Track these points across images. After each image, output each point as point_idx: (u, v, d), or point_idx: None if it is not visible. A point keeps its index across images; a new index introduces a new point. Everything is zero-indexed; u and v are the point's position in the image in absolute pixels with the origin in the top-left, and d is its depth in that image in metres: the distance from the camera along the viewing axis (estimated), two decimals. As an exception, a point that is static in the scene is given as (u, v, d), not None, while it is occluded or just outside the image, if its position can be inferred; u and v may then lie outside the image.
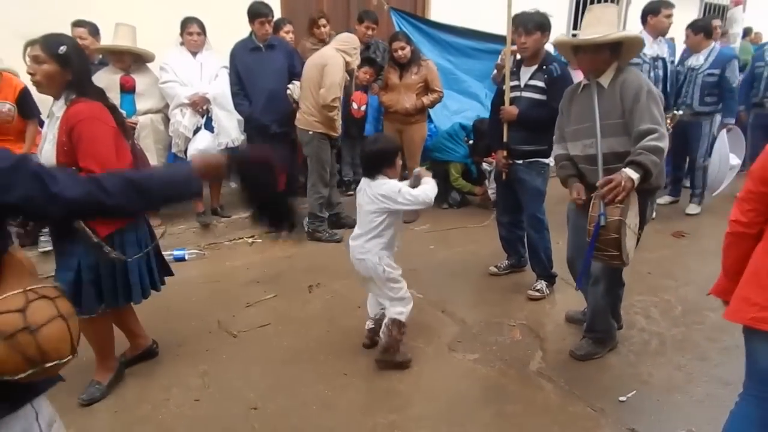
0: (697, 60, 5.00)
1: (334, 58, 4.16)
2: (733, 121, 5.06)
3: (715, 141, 5.08)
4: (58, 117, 2.28)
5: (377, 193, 2.61)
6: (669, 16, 4.51)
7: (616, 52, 2.50)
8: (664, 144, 2.34)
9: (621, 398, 2.44)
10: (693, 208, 5.33)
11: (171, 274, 2.80)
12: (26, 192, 1.09)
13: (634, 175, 2.29)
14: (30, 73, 2.23)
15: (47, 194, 1.11)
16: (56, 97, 2.31)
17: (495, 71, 4.38)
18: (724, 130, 4.96)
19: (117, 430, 2.32)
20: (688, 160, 5.42)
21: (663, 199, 5.56)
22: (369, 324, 2.93)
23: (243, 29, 4.51)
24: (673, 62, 4.74)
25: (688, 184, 5.53)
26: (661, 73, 4.49)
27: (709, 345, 2.91)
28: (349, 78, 4.77)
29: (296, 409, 2.42)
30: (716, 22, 5.55)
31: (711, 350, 2.86)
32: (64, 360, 1.13)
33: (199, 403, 2.48)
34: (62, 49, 2.21)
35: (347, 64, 4.24)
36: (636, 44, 2.53)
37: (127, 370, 2.71)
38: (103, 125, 2.26)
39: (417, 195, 2.60)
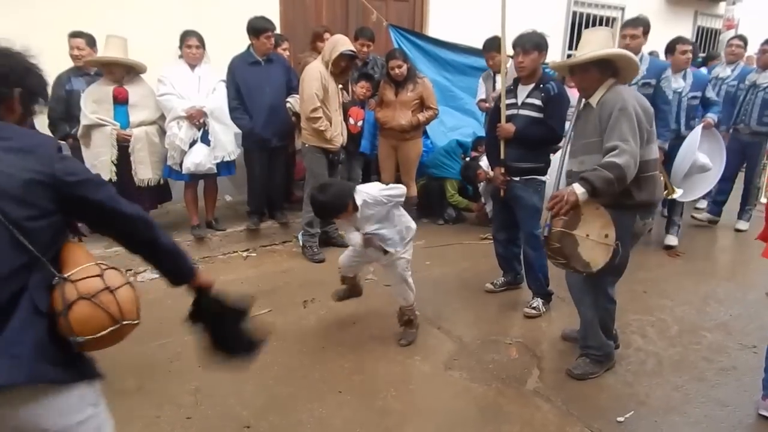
0: (764, 77, 4.96)
1: (309, 70, 4.19)
2: (714, 118, 4.70)
3: None
4: None
5: None
6: (684, 51, 4.57)
7: (606, 71, 2.58)
8: (623, 160, 2.38)
9: (619, 419, 2.43)
10: (742, 224, 5.26)
11: None
12: (109, 194, 1.38)
13: (579, 190, 2.40)
14: None
15: (115, 204, 1.39)
16: None
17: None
18: (701, 125, 4.68)
19: (106, 448, 2.26)
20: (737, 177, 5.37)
21: (702, 216, 5.54)
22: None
23: (239, 43, 4.54)
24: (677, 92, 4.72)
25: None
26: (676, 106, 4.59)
27: (707, 365, 2.90)
28: (346, 93, 4.80)
29: (290, 427, 2.39)
30: None
31: (708, 371, 2.85)
32: (135, 322, 1.32)
33: (191, 421, 2.44)
34: None
35: (326, 63, 4.23)
36: (625, 61, 2.58)
37: (117, 387, 2.66)
38: None
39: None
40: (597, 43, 2.58)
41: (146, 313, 3.21)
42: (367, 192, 2.84)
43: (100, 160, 4.15)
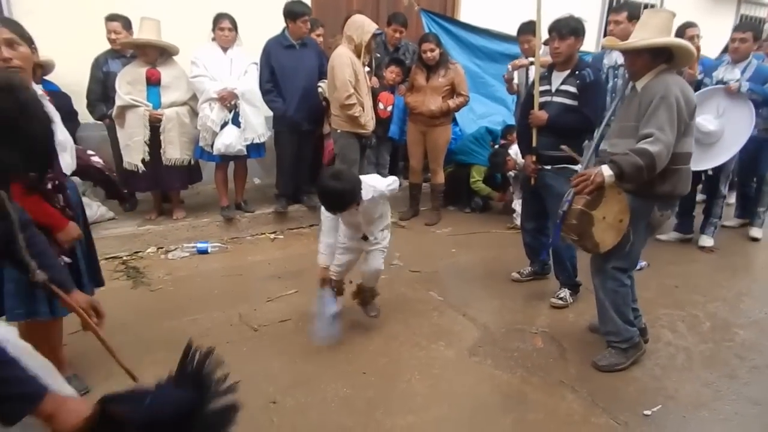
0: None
1: (339, 57, 4.18)
2: (746, 85, 4.22)
3: None
4: (47, 100, 2.24)
5: None
6: (692, 36, 4.37)
7: (659, 57, 2.53)
8: (656, 148, 2.36)
9: (646, 412, 2.40)
10: (756, 231, 4.85)
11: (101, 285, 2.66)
12: None
13: (607, 172, 2.43)
14: (6, 59, 2.04)
15: None
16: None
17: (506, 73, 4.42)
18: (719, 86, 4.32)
19: (138, 417, 2.35)
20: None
21: (732, 222, 5.21)
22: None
23: (271, 26, 4.57)
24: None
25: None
26: None
27: (739, 363, 2.85)
28: (374, 74, 4.79)
29: (315, 405, 2.44)
30: None
31: (740, 368, 2.80)
32: None
33: (219, 394, 2.50)
34: (27, 31, 2.12)
35: (356, 48, 4.23)
36: (682, 52, 2.52)
37: (149, 358, 2.75)
38: None
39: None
40: (656, 28, 2.52)
41: (177, 291, 3.32)
42: (373, 186, 2.75)
43: (133, 140, 4.24)
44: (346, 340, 3.01)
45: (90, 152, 2.79)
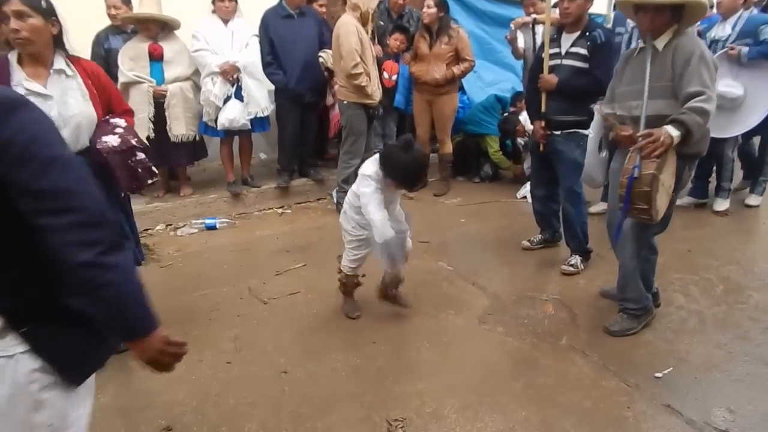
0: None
1: (345, 26, 4.12)
2: (744, 50, 4.10)
3: None
4: (69, 74, 2.27)
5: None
6: None
7: (677, 14, 2.47)
8: (711, 107, 2.34)
9: (657, 374, 2.41)
10: (754, 199, 4.73)
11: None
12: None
13: (675, 133, 2.33)
14: (15, 30, 2.06)
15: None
16: (42, 55, 2.21)
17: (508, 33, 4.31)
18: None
19: (152, 389, 2.41)
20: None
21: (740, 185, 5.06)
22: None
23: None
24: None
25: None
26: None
27: (752, 325, 2.84)
28: (377, 42, 4.72)
29: (325, 374, 2.48)
30: None
31: (753, 330, 2.79)
32: None
33: (231, 365, 2.56)
34: (44, 1, 2.10)
35: (362, 16, 4.16)
36: (699, 9, 2.46)
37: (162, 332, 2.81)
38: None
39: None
40: None
41: (187, 266, 3.36)
42: None
43: (138, 117, 4.16)
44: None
45: (112, 141, 2.39)
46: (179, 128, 4.32)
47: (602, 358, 2.55)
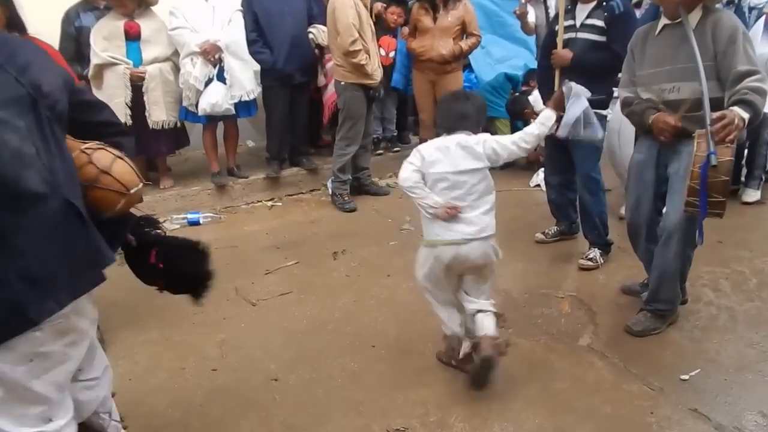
0: None
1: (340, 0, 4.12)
2: None
3: None
4: None
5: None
6: None
7: None
8: (767, 86, 2.35)
9: (683, 377, 2.43)
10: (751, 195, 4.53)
11: None
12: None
13: (745, 115, 2.31)
14: None
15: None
16: None
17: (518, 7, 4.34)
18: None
19: (131, 400, 2.43)
20: None
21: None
22: (466, 347, 2.45)
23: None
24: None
25: None
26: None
27: (788, 321, 2.85)
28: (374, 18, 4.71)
29: (320, 381, 2.50)
30: None
31: (789, 327, 2.80)
32: (140, 186, 1.61)
33: (217, 373, 2.58)
34: None
35: None
36: None
37: (141, 337, 2.84)
38: None
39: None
40: None
41: (168, 263, 3.29)
42: None
43: (113, 102, 4.23)
44: (352, 312, 3.06)
45: None
46: (159, 114, 4.33)
47: (623, 360, 2.57)
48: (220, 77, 4.36)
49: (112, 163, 1.53)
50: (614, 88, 3.50)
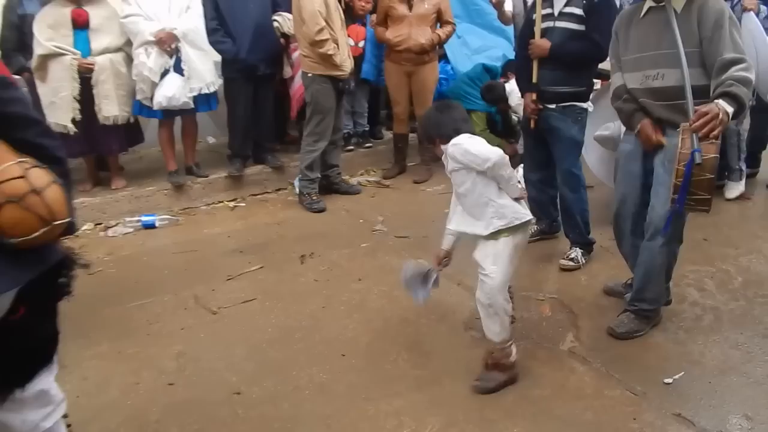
0: None
1: None
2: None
3: None
4: None
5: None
6: None
7: None
8: (753, 75, 2.40)
9: (667, 380, 2.48)
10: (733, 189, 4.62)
11: None
12: None
13: (729, 109, 2.34)
14: None
15: None
16: None
17: None
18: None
19: (80, 419, 2.38)
20: None
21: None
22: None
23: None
24: None
25: None
26: None
27: (774, 321, 2.93)
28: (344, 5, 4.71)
29: (286, 394, 2.48)
30: None
31: (775, 327, 2.88)
32: (66, 220, 1.42)
33: (174, 387, 2.55)
34: None
35: None
36: None
37: (91, 351, 2.79)
38: None
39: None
40: None
41: (121, 272, 3.31)
42: None
43: (59, 96, 4.18)
44: (321, 319, 3.05)
45: None
46: (111, 108, 4.27)
47: (605, 365, 2.61)
48: (178, 68, 4.31)
49: (47, 186, 1.39)
50: (594, 80, 3.59)
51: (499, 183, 2.39)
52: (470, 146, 2.36)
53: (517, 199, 2.46)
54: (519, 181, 3.90)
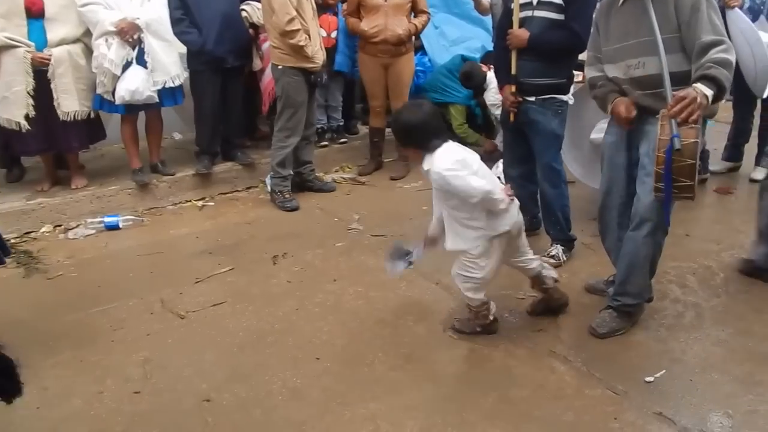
0: None
1: None
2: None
3: None
4: None
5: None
6: None
7: None
8: (733, 57, 2.44)
9: (648, 378, 2.54)
10: (759, 172, 4.79)
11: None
12: None
13: (708, 92, 2.38)
14: None
15: None
16: None
17: None
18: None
19: (41, 428, 2.38)
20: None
21: (718, 165, 5.14)
22: (493, 307, 2.91)
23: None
24: None
25: None
26: None
27: (755, 317, 3.01)
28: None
29: (259, 400, 2.50)
30: None
31: (756, 323, 2.96)
32: None
33: (140, 396, 2.54)
34: None
35: None
36: None
37: (52, 360, 2.77)
38: None
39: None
40: None
41: (82, 276, 3.29)
42: None
43: (12, 91, 4.13)
44: (294, 322, 3.07)
45: None
46: (70, 104, 4.23)
47: (586, 364, 2.67)
48: (140, 60, 4.29)
49: None
50: (575, 72, 3.65)
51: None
52: (452, 179, 2.54)
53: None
54: (499, 177, 4.00)
